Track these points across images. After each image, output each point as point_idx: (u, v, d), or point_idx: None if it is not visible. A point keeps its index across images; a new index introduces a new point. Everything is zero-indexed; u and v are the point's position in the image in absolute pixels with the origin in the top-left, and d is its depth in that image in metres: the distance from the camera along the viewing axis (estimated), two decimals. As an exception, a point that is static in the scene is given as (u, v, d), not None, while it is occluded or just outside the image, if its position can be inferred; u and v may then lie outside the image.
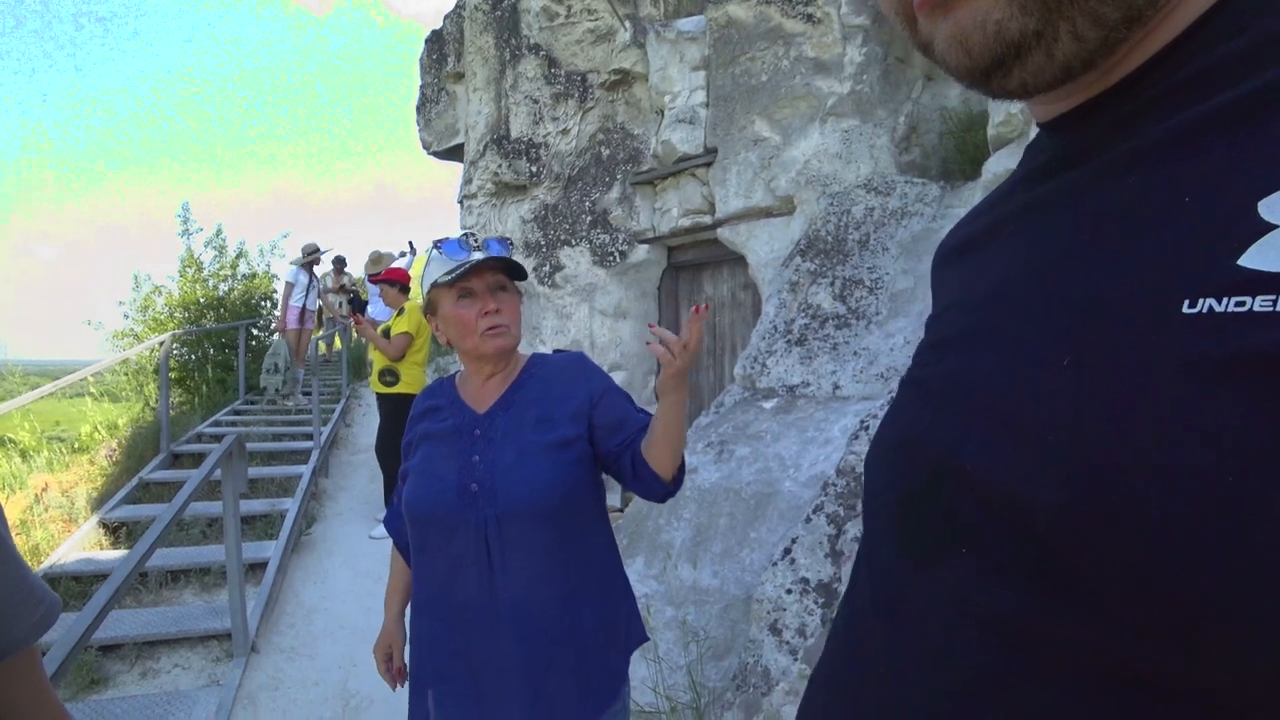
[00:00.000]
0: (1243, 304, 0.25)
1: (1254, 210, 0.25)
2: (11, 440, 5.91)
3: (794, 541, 2.09)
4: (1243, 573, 0.23)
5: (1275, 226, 0.25)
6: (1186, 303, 0.26)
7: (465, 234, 1.24)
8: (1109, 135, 0.34)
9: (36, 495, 4.48)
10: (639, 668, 2.21)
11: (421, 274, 1.30)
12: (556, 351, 1.37)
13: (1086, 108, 0.36)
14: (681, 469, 1.23)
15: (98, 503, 4.55)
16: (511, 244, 1.27)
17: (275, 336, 6.72)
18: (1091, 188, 0.34)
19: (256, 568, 3.58)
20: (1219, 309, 0.25)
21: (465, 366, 1.31)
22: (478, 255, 1.21)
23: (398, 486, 1.36)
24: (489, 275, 1.23)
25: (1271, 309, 0.24)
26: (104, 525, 4.19)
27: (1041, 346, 0.32)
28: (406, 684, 1.31)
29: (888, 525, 0.41)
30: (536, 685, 1.13)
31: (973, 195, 3.29)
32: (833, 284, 3.47)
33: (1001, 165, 2.95)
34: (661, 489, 1.22)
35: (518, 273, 1.26)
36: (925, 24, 0.36)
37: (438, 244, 1.24)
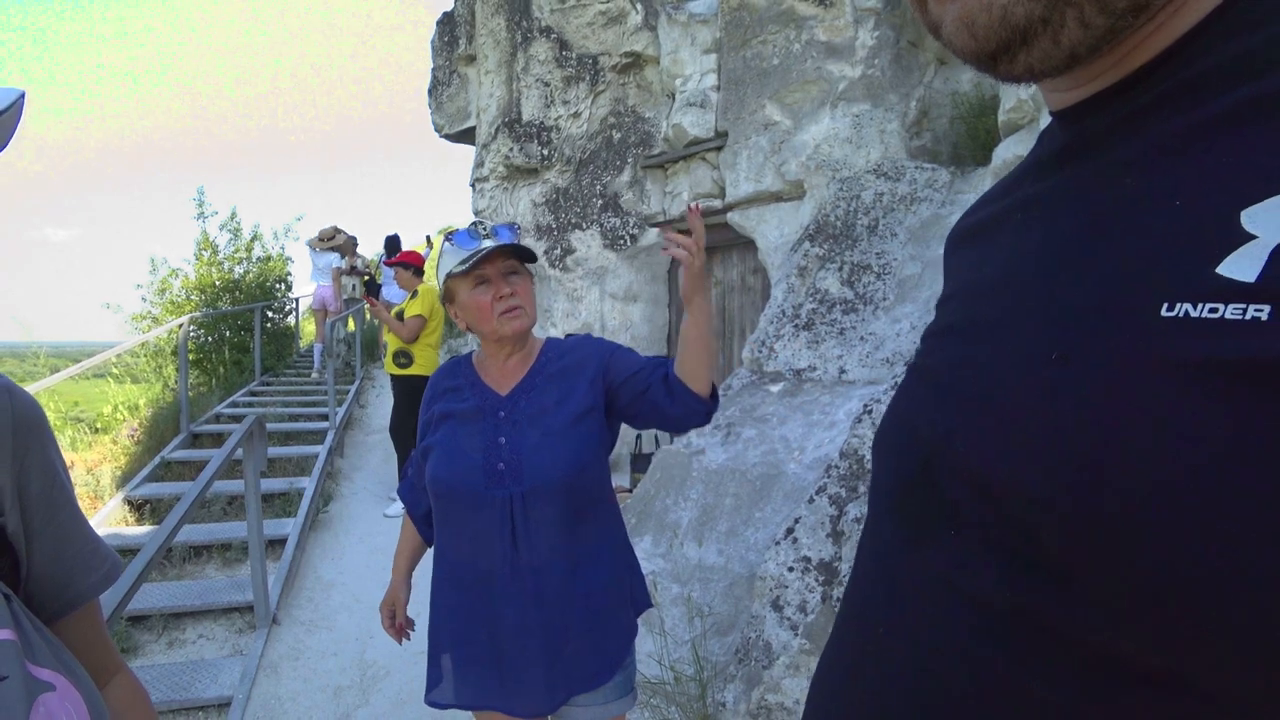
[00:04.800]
0: (1216, 310, 0.25)
1: (1237, 219, 0.26)
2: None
3: (797, 521, 2.15)
4: (1200, 557, 0.24)
5: (1254, 237, 0.25)
6: (1165, 306, 0.27)
7: (474, 223, 1.28)
8: (1117, 129, 0.34)
9: (63, 472, 4.62)
10: (645, 642, 2.29)
11: (436, 265, 1.35)
12: (569, 336, 1.43)
13: (1098, 99, 0.36)
14: (715, 387, 1.28)
15: (122, 481, 4.68)
16: (519, 228, 1.32)
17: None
18: (1095, 185, 0.34)
19: (276, 544, 3.69)
20: (1194, 314, 0.26)
21: (484, 349, 1.36)
22: (488, 243, 1.25)
23: (412, 459, 1.43)
24: (501, 261, 1.27)
25: (1241, 318, 0.25)
26: (129, 502, 4.32)
27: (1034, 340, 0.33)
28: (408, 641, 1.40)
29: (888, 505, 0.43)
30: (556, 647, 1.21)
31: (983, 181, 3.29)
32: (841, 269, 3.49)
33: (1012, 151, 2.95)
34: (703, 407, 1.26)
35: (529, 256, 1.31)
36: (935, 6, 0.36)
37: (449, 236, 1.29)
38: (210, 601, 3.15)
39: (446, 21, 6.93)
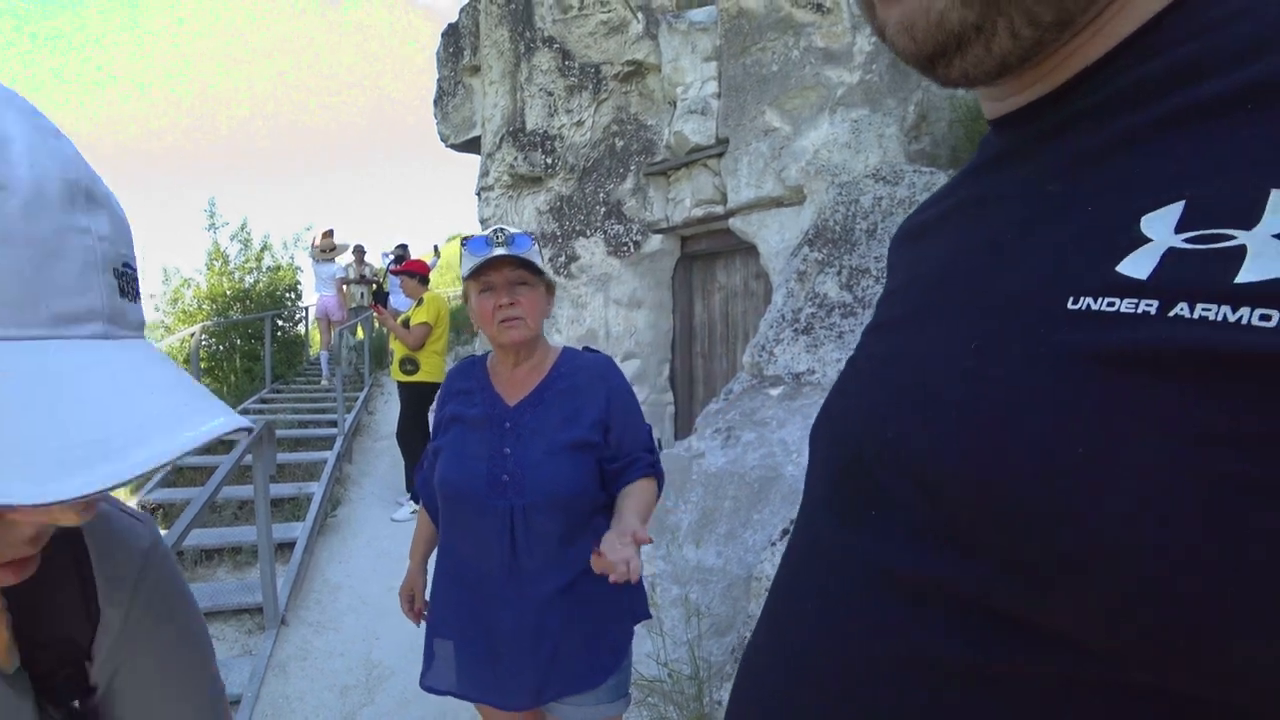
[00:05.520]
0: (1113, 304, 0.28)
1: (1137, 224, 0.29)
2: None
3: (792, 522, 2.18)
4: (1088, 528, 0.26)
5: (1150, 240, 0.28)
6: (1071, 300, 0.29)
7: (494, 230, 1.29)
8: (1045, 138, 0.37)
9: (78, 479, 4.71)
10: (644, 642, 2.32)
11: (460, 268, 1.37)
12: (587, 349, 1.44)
13: (1031, 109, 0.39)
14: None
15: (136, 485, 4.76)
16: (535, 238, 1.33)
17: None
18: (1022, 190, 0.37)
19: (285, 547, 3.75)
20: (1094, 307, 0.28)
21: (495, 353, 1.39)
22: (499, 251, 1.26)
23: (427, 453, 1.47)
24: (508, 270, 1.29)
25: (1134, 311, 0.27)
26: (142, 506, 4.40)
27: (956, 333, 0.35)
28: (424, 624, 1.45)
29: (821, 494, 0.45)
30: (549, 651, 1.24)
31: (979, 184, 3.31)
32: (840, 273, 3.52)
33: (1006, 155, 2.97)
34: None
35: (533, 268, 1.31)
36: (881, 9, 0.38)
37: (464, 241, 1.31)
38: (220, 603, 3.21)
39: (451, 33, 7.03)
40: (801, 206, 4.22)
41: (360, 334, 8.56)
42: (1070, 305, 0.29)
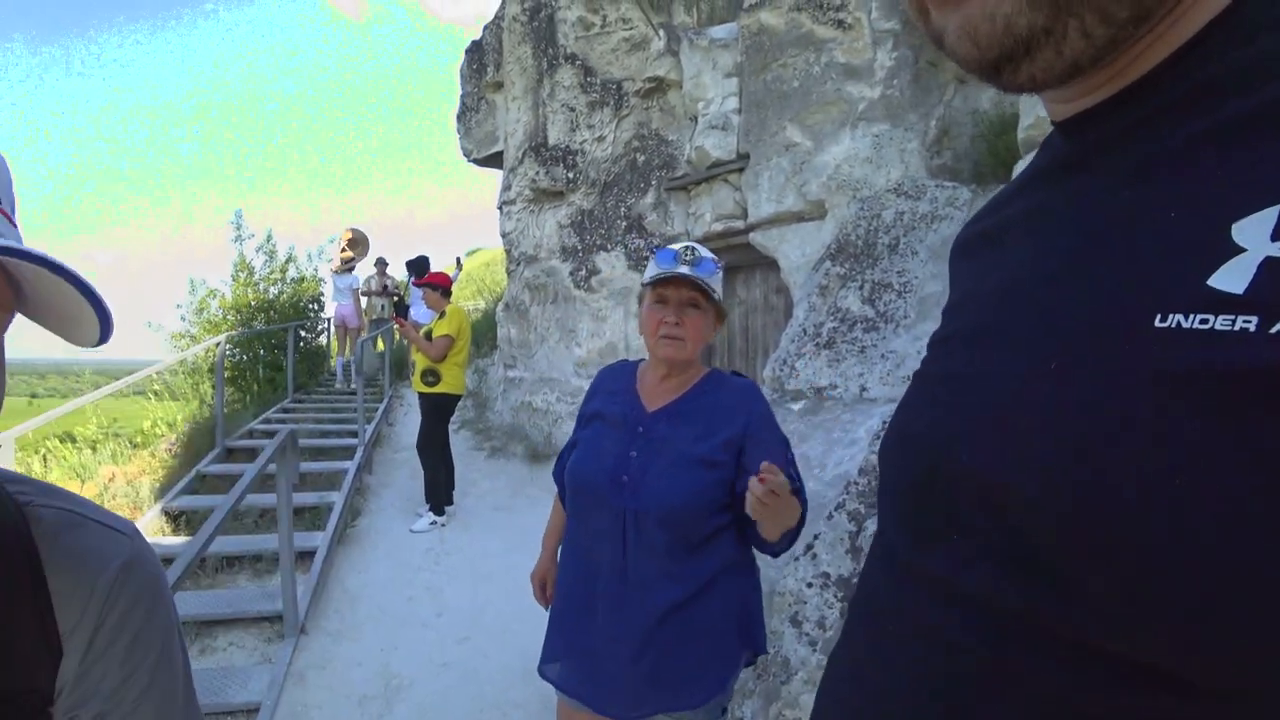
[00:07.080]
0: (1206, 321, 0.26)
1: (1228, 232, 0.26)
2: (70, 436, 6.32)
3: (816, 538, 2.15)
4: (1185, 562, 0.25)
5: (1244, 250, 0.26)
6: (1159, 317, 0.27)
7: (686, 246, 1.33)
8: (1116, 141, 0.35)
9: (105, 484, 4.79)
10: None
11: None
12: (734, 373, 1.46)
13: (1099, 110, 0.36)
14: (790, 537, 1.27)
15: (160, 492, 4.83)
16: (720, 266, 1.35)
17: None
18: (1094, 197, 0.35)
19: (305, 556, 3.77)
20: (1186, 325, 0.26)
21: (649, 359, 1.44)
22: (682, 270, 1.30)
23: (568, 444, 1.51)
24: (685, 290, 1.32)
25: (1230, 328, 0.25)
26: (165, 513, 4.45)
27: (1033, 351, 0.33)
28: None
29: (894, 511, 0.44)
30: (651, 665, 1.24)
31: (1004, 199, 3.29)
32: (862, 288, 3.50)
33: (1031, 169, 2.95)
34: (770, 549, 1.29)
35: (711, 295, 1.33)
36: (937, 15, 0.36)
37: (656, 249, 1.37)
38: (241, 610, 3.23)
39: (475, 50, 7.15)
40: (822, 221, 4.21)
41: (380, 346, 8.65)
42: (1158, 323, 0.27)
